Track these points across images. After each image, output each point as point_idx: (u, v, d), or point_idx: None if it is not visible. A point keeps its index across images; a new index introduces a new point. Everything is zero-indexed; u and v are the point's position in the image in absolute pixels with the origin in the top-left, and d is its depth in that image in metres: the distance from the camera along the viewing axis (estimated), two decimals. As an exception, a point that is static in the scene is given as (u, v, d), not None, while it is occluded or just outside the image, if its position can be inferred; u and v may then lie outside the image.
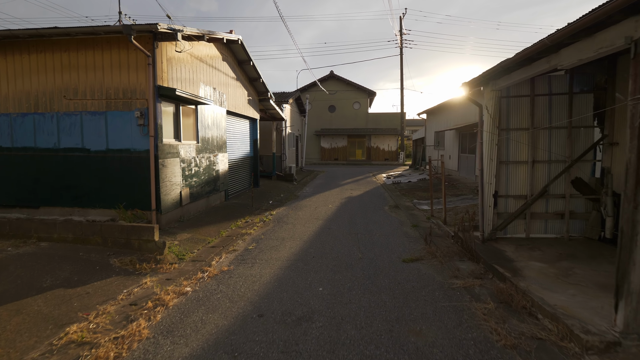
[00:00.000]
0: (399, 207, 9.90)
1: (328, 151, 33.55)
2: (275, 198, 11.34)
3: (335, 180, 17.08)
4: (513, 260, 4.90)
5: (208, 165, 8.44)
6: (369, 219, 8.19)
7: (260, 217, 8.42)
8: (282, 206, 10.00)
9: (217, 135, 9.03)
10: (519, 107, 5.79)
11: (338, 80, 33.46)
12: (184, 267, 4.98)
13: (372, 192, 13.16)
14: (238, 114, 10.84)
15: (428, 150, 21.77)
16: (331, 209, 9.57)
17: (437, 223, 7.66)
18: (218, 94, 9.05)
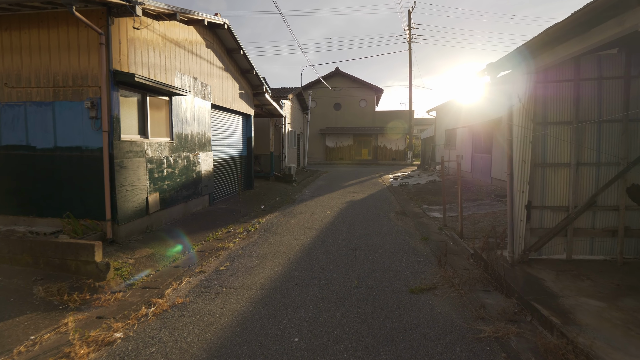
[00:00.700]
0: (406, 214, 8.70)
1: (333, 150, 32.41)
2: (268, 202, 10.23)
3: (338, 182, 15.92)
4: (557, 294, 3.70)
5: (186, 166, 7.36)
6: (371, 230, 7.02)
7: (246, 225, 7.32)
8: (275, 212, 8.88)
9: (199, 131, 7.94)
10: (559, 95, 4.57)
11: (344, 77, 32.27)
12: (128, 298, 3.89)
13: (376, 195, 11.97)
14: (227, 108, 9.75)
15: (438, 149, 20.47)
16: (329, 215, 8.42)
17: (452, 236, 6.45)
18: (200, 85, 7.96)
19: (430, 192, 12.03)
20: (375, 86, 31.88)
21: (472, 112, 14.37)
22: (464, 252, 5.60)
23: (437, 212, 8.88)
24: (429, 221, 7.94)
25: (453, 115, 17.26)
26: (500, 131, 11.64)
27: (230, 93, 9.87)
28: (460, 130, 16.02)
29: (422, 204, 10.08)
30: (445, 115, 18.95)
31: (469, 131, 14.73)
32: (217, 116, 9.32)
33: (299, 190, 13.01)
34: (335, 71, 32.07)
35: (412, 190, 12.79)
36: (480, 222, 7.43)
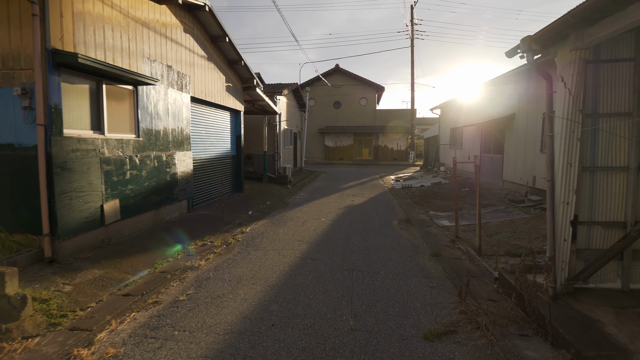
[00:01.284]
0: (411, 222, 7.69)
1: (332, 150, 31.41)
2: (258, 207, 9.22)
3: (337, 183, 14.91)
4: (628, 349, 2.68)
5: (157, 167, 6.35)
6: (371, 242, 6.01)
7: (226, 236, 6.31)
8: (263, 219, 7.87)
9: (175, 127, 6.94)
10: (614, 79, 3.55)
11: (344, 75, 31.25)
12: (43, 347, 2.88)
13: (377, 199, 10.95)
14: (211, 102, 8.74)
15: (442, 149, 19.44)
16: (324, 224, 7.40)
17: (467, 251, 5.43)
18: (176, 74, 6.95)
19: (437, 196, 11.01)
20: (376, 84, 30.86)
21: (481, 109, 13.34)
22: (485, 274, 4.58)
23: (445, 219, 7.87)
24: (437, 231, 6.92)
25: (459, 112, 16.24)
26: (514, 129, 10.62)
27: (215, 86, 8.86)
28: (467, 129, 15.00)
29: (428, 209, 9.06)
30: (450, 113, 17.93)
31: (478, 130, 13.70)
32: (199, 111, 8.31)
33: (294, 193, 11.99)
34: (335, 68, 31.06)
35: (416, 194, 11.77)
36: (498, 234, 6.41)
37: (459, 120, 16.19)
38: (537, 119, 9.22)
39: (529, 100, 9.65)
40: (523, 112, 10.02)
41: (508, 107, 10.99)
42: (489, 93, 12.60)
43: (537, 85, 9.21)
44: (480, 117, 13.42)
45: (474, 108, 14.26)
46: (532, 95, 9.49)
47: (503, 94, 11.40)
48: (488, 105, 12.68)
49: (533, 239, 5.92)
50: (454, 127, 17.02)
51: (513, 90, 10.65)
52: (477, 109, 13.87)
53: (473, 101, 14.35)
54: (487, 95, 12.80)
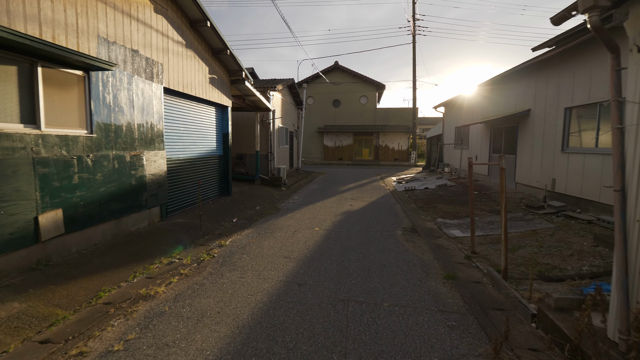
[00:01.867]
0: (417, 232, 6.70)
1: (332, 150, 30.44)
2: (245, 213, 8.24)
3: (335, 185, 13.93)
4: None
5: (118, 169, 5.37)
6: (372, 260, 5.02)
7: (200, 251, 5.34)
8: (248, 227, 6.89)
9: (143, 122, 5.96)
10: None
11: (343, 72, 30.28)
12: None
13: (379, 203, 9.97)
14: (191, 95, 7.76)
15: (447, 149, 18.46)
16: (317, 234, 6.43)
17: (489, 273, 4.44)
18: (145, 61, 5.97)
19: (443, 200, 10.03)
20: (376, 81, 29.89)
21: (490, 106, 12.36)
22: (517, 306, 3.60)
23: (456, 228, 6.88)
24: (449, 244, 5.94)
25: (465, 110, 15.26)
26: (529, 126, 9.63)
27: (197, 77, 7.87)
28: (474, 128, 14.01)
29: (436, 216, 8.08)
30: (455, 111, 16.95)
31: (486, 128, 12.72)
32: (176, 105, 7.33)
33: (287, 197, 11.01)
34: (334, 65, 30.09)
35: (421, 198, 10.79)
36: (521, 248, 5.43)
37: (465, 118, 15.21)
38: (558, 115, 8.23)
39: (548, 94, 8.66)
40: (540, 108, 9.04)
41: (522, 103, 10.00)
42: (500, 88, 11.62)
43: (559, 76, 8.22)
44: (489, 114, 12.44)
45: (481, 105, 13.28)
46: (552, 88, 8.51)
47: (516, 88, 10.42)
48: (498, 101, 11.69)
49: (566, 256, 4.93)
50: (459, 126, 16.04)
51: (529, 83, 9.67)
52: (485, 106, 12.88)
53: (481, 97, 13.36)
54: (498, 90, 11.81)
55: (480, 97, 13.39)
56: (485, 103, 12.94)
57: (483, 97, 13.13)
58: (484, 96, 13.06)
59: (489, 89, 12.49)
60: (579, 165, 7.43)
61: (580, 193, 7.37)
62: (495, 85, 11.96)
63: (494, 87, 12.11)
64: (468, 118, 14.71)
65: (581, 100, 7.40)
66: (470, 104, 14.65)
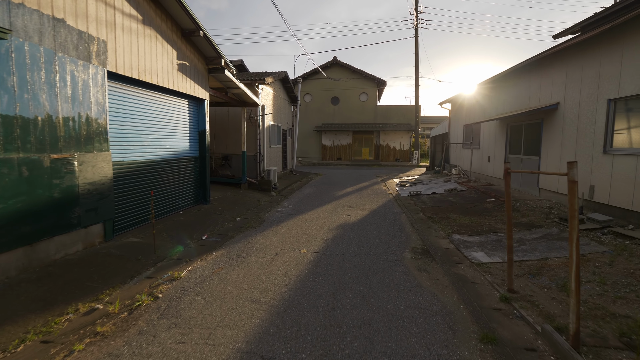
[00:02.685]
0: (430, 255, 5.30)
1: (330, 150, 29.03)
2: (221, 226, 6.84)
3: (332, 189, 12.52)
4: None
5: (29, 179, 3.96)
6: (374, 307, 3.61)
7: (142, 289, 3.94)
8: (218, 249, 5.49)
9: (73, 115, 4.55)
10: None
11: (342, 68, 28.86)
12: None
13: (380, 213, 8.56)
14: (152, 84, 6.35)
15: (454, 149, 17.05)
16: (303, 259, 5.02)
17: (547, 334, 3.02)
18: (76, 35, 4.56)
19: (456, 209, 8.62)
20: (377, 77, 28.46)
21: (507, 101, 10.93)
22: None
23: (479, 249, 5.48)
24: (474, 274, 4.53)
25: (475, 106, 13.84)
26: (557, 123, 8.22)
27: (160, 62, 6.46)
28: (486, 125, 12.60)
29: (450, 230, 6.68)
30: (463, 107, 15.53)
31: (501, 125, 11.30)
32: (129, 95, 5.91)
33: (276, 204, 9.61)
34: (332, 61, 28.67)
35: (429, 205, 9.38)
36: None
37: (475, 115, 13.79)
38: (598, 108, 6.82)
39: (584, 83, 7.25)
40: (573, 100, 7.62)
41: (548, 95, 8.59)
42: (518, 81, 10.20)
43: (599, 62, 6.80)
44: (505, 109, 11.03)
45: (495, 100, 11.86)
46: (589, 77, 7.09)
47: (540, 79, 9.00)
48: (517, 95, 10.28)
49: (647, 300, 3.53)
50: (468, 124, 14.63)
51: (557, 73, 8.25)
52: (500, 101, 11.46)
53: (494, 92, 11.95)
54: (515, 83, 10.40)
55: (494, 91, 11.97)
56: (500, 98, 11.52)
57: (497, 92, 11.72)
58: (498, 90, 11.65)
59: (505, 82, 11.07)
60: (629, 169, 6.03)
61: (631, 205, 5.96)
62: (512, 78, 10.55)
63: (510, 80, 10.69)
64: (479, 115, 13.30)
65: (632, 90, 6.00)
66: (481, 100, 13.23)
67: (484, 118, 12.47)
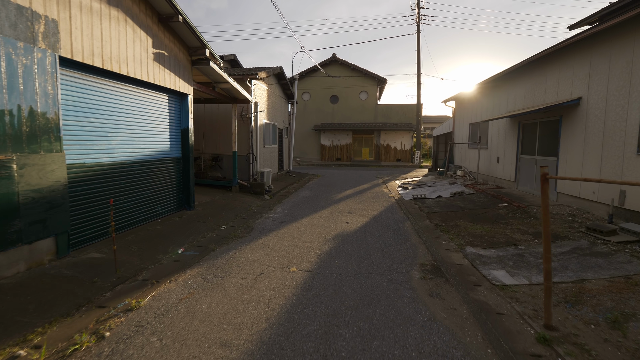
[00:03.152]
0: (442, 274, 4.49)
1: (329, 150, 28.21)
2: (202, 237, 6.04)
3: (330, 192, 11.71)
4: None
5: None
6: (376, 351, 2.79)
7: (86, 324, 3.13)
8: (193, 266, 4.69)
9: (11, 108, 3.74)
10: None
11: (342, 65, 28.04)
12: None
13: (382, 218, 7.75)
14: (122, 75, 5.54)
15: (459, 149, 16.24)
16: (291, 280, 4.22)
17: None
18: (13, 10, 3.76)
19: (465, 215, 7.81)
20: (377, 75, 27.63)
21: (519, 97, 10.12)
22: None
23: (499, 267, 4.67)
24: (497, 300, 3.72)
25: (482, 103, 13.03)
26: (579, 120, 7.41)
27: (132, 50, 5.66)
28: (496, 124, 11.79)
29: (462, 241, 5.87)
30: (469, 105, 14.72)
31: (513, 123, 10.49)
32: (92, 86, 5.10)
33: (268, 209, 8.80)
34: (331, 58, 27.84)
35: (435, 210, 8.57)
36: (631, 319, 3.20)
37: (482, 113, 12.98)
38: (630, 104, 6.01)
39: (612, 75, 6.44)
40: (598, 95, 6.81)
41: (568, 89, 7.78)
42: (532, 75, 9.40)
43: (632, 50, 5.99)
44: (516, 106, 10.22)
45: (505, 96, 11.05)
46: (619, 69, 6.28)
47: (558, 73, 8.19)
48: (531, 91, 9.47)
49: None
50: (474, 122, 13.82)
51: (578, 65, 7.44)
52: (511, 97, 10.66)
53: (504, 88, 11.14)
54: (528, 78, 9.59)
55: (504, 87, 11.16)
56: (510, 94, 10.71)
57: (507, 88, 10.91)
58: (508, 86, 10.84)
59: (516, 77, 10.26)
60: (671, 173, 5.22)
61: (674, 213, 5.15)
62: (524, 72, 9.74)
63: (523, 75, 9.88)
64: (487, 112, 12.48)
65: (674, 81, 5.19)
66: (489, 97, 12.43)
67: (492, 116, 11.66)
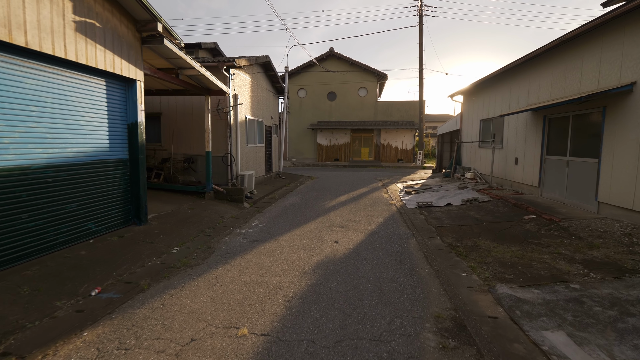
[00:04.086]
0: (469, 338, 2.91)
1: (326, 149, 26.66)
2: (140, 265, 4.48)
3: (321, 198, 10.16)
4: None
5: None
6: None
7: None
8: (97, 322, 3.13)
9: None
10: None
11: (339, 60, 26.47)
12: None
13: (381, 236, 6.17)
14: (21, 48, 3.98)
15: (467, 149, 14.67)
16: (237, 353, 2.65)
17: None
18: None
19: (484, 230, 6.23)
20: (377, 70, 26.05)
21: (544, 85, 8.53)
22: None
23: (553, 322, 3.08)
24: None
25: (497, 96, 11.45)
26: (631, 111, 5.82)
27: (34, 12, 4.10)
28: (513, 119, 10.21)
29: (487, 271, 4.30)
30: (480, 98, 13.14)
31: (536, 118, 8.91)
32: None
33: (243, 221, 7.24)
34: (329, 52, 26.27)
35: (446, 223, 7.00)
36: None
37: (496, 107, 11.40)
38: None
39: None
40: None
41: (614, 74, 6.20)
42: (562, 59, 7.82)
43: None
44: (540, 97, 8.64)
45: (526, 87, 9.48)
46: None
47: (601, 54, 6.62)
48: (560, 78, 7.89)
49: None
50: (487, 118, 12.24)
51: (631, 42, 5.86)
52: (534, 87, 9.08)
53: (524, 77, 9.56)
54: (557, 63, 8.01)
55: (524, 76, 9.58)
56: (533, 83, 9.14)
57: (528, 77, 9.33)
58: (529, 75, 9.26)
59: (541, 63, 8.69)
60: None
61: None
62: (551, 57, 8.16)
63: (549, 60, 8.31)
64: (503, 106, 10.90)
65: None
66: (506, 88, 10.84)
67: (509, 110, 10.08)
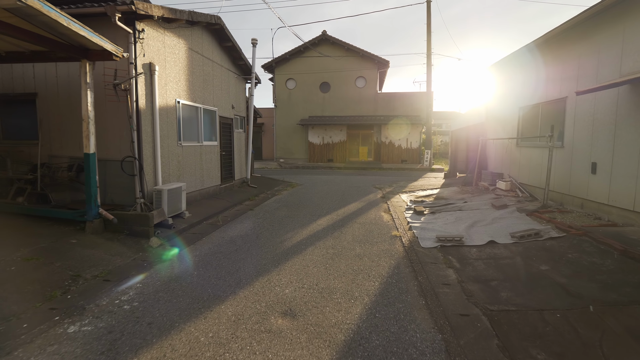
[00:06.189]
0: None
1: (319, 149, 23.09)
2: None
3: (288, 224, 6.62)
4: None
5: None
6: None
7: None
8: None
9: None
10: None
11: (334, 45, 22.84)
12: None
13: (378, 353, 2.62)
14: None
15: (498, 148, 11.02)
16: None
17: None
18: None
19: (602, 328, 2.64)
20: (377, 57, 22.41)
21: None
22: None
23: None
24: None
25: (550, 71, 7.81)
26: None
27: None
28: (587, 102, 6.60)
29: None
30: (517, 77, 9.50)
31: (632, 98, 5.29)
32: None
33: (114, 284, 3.67)
34: (321, 36, 22.64)
35: (503, 295, 3.40)
36: None
37: (552, 87, 7.78)
38: None
39: None
40: None
41: None
42: None
43: None
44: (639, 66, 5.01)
45: (618, 47, 5.87)
46: None
47: None
48: None
49: None
50: (534, 104, 8.62)
51: None
52: (632, 48, 5.48)
53: (612, 33, 5.96)
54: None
55: (611, 31, 5.97)
56: (630, 41, 5.53)
57: (624, 29, 5.72)
58: (626, 27, 5.65)
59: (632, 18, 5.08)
60: None
61: None
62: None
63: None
64: (570, 82, 7.29)
65: None
66: (573, 54, 7.23)
67: (584, 86, 6.47)
